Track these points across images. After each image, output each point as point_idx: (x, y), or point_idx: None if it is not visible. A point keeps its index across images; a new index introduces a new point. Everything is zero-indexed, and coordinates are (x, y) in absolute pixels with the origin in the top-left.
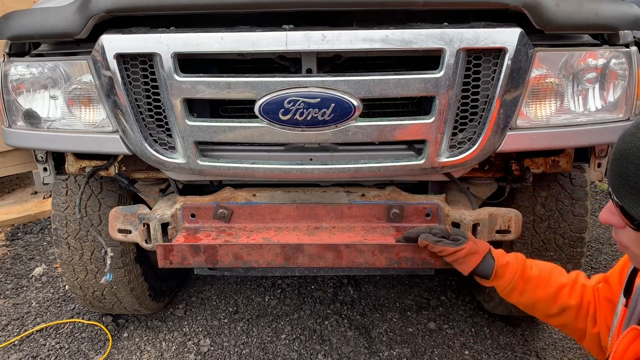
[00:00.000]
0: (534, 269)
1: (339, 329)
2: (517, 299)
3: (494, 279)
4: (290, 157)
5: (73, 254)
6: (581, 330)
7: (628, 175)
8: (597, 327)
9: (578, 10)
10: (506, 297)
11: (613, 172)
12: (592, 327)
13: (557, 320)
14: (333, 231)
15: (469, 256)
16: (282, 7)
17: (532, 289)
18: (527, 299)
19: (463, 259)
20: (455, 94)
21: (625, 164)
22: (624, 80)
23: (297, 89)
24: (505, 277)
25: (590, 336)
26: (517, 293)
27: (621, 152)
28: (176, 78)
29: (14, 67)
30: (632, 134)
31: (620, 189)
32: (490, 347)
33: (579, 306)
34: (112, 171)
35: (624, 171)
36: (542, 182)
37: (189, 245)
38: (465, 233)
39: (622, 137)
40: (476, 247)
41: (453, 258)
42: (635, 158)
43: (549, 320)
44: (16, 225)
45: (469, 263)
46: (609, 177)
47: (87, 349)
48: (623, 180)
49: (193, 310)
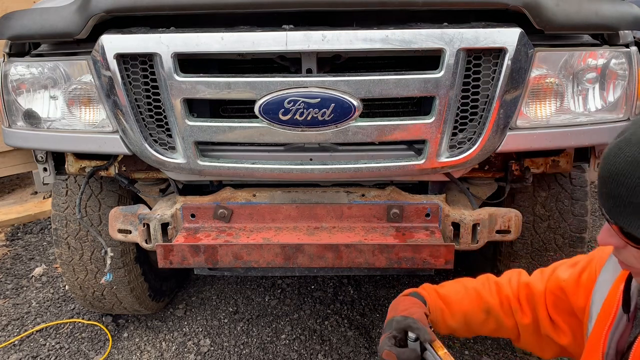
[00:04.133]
0: (444, 287)
1: (339, 329)
2: (451, 323)
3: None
4: (290, 157)
5: (73, 254)
6: (512, 327)
7: (620, 196)
8: (526, 318)
9: (578, 10)
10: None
11: (604, 195)
12: (521, 317)
13: (488, 325)
14: (333, 231)
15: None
16: (282, 7)
17: (455, 304)
18: (459, 318)
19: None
20: (455, 94)
21: (615, 186)
22: (624, 80)
23: (297, 89)
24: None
25: (523, 329)
26: (448, 316)
27: (609, 175)
28: (176, 78)
29: (14, 67)
30: (615, 155)
31: (614, 210)
32: (490, 347)
33: (500, 303)
34: (112, 171)
35: (615, 193)
36: (542, 182)
37: (189, 245)
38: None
39: (606, 159)
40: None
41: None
42: (624, 178)
43: (482, 330)
44: (16, 225)
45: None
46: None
47: (87, 349)
48: (616, 201)
49: (193, 310)
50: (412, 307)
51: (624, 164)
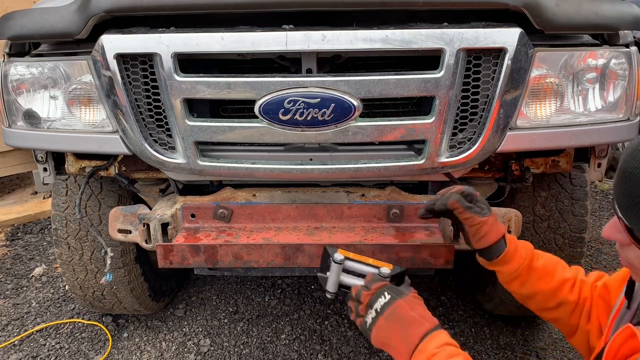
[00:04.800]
0: (540, 260)
1: (339, 329)
2: (516, 289)
3: (500, 263)
4: (290, 157)
5: (73, 254)
6: (573, 326)
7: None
8: (590, 324)
9: (578, 10)
10: (506, 284)
11: (621, 191)
12: (585, 323)
13: (551, 314)
14: (333, 231)
15: (489, 234)
16: (282, 7)
17: (535, 280)
18: (528, 290)
19: (484, 233)
20: (455, 94)
21: (634, 184)
22: (624, 80)
23: (297, 89)
24: (511, 264)
25: (581, 332)
26: (518, 282)
27: (631, 171)
28: (176, 78)
29: (14, 67)
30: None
31: (629, 209)
32: (490, 347)
33: (576, 302)
34: (112, 171)
35: (633, 192)
36: (542, 182)
37: (189, 245)
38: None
39: (631, 153)
40: (496, 226)
41: (475, 230)
42: None
43: (543, 313)
44: (16, 225)
45: (486, 239)
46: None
47: (87, 349)
48: (632, 200)
49: (193, 310)
50: None
51: None
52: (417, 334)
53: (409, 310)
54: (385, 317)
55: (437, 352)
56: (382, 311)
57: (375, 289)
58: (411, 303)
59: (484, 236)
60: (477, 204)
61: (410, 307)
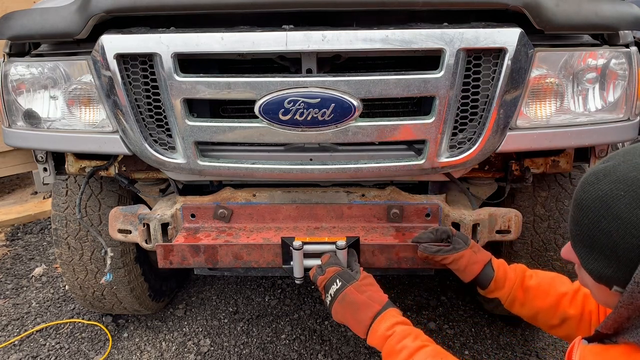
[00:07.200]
0: (533, 279)
1: (339, 329)
2: (518, 310)
3: (494, 289)
4: (290, 157)
5: (73, 254)
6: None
7: (582, 226)
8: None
9: (578, 10)
10: (509, 308)
11: (571, 218)
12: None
13: (559, 331)
14: (333, 231)
15: (470, 265)
16: (282, 7)
17: (531, 299)
18: (528, 310)
19: (464, 268)
20: (455, 94)
21: (580, 214)
22: (624, 81)
23: (297, 89)
24: (504, 288)
25: None
26: (518, 304)
27: (579, 201)
28: (176, 78)
29: (14, 67)
30: (591, 184)
31: (575, 238)
32: (490, 347)
33: (580, 316)
34: (112, 171)
35: (579, 221)
36: (542, 182)
37: (189, 245)
38: (468, 239)
39: (583, 185)
40: (476, 256)
41: (454, 266)
42: (589, 211)
43: (552, 331)
44: (16, 225)
45: (468, 271)
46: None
47: (87, 349)
48: (578, 229)
49: (193, 311)
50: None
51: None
52: (366, 317)
53: (358, 295)
54: (339, 302)
55: (389, 334)
56: (335, 297)
57: (330, 273)
58: (360, 287)
59: (465, 269)
60: (453, 240)
61: (359, 291)
